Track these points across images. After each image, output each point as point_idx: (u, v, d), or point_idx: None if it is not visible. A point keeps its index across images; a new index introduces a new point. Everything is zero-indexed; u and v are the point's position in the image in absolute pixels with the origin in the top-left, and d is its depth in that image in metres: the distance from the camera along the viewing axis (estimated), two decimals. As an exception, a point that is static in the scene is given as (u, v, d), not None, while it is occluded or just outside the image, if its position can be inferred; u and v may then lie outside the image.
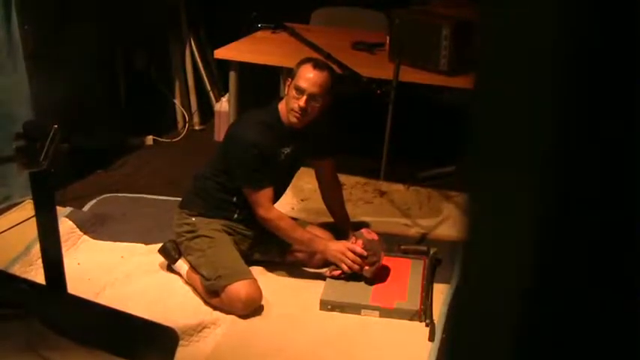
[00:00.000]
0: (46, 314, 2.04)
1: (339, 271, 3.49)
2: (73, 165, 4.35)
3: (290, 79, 3.44)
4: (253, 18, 4.98)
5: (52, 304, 2.11)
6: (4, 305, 2.06)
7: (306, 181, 4.40)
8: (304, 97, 3.35)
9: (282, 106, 3.48)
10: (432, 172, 3.68)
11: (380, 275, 3.54)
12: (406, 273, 3.60)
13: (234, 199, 3.55)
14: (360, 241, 3.50)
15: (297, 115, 3.38)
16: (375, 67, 4.23)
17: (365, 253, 3.46)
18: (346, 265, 3.44)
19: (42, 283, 2.16)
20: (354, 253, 3.44)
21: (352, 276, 3.49)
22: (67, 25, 4.44)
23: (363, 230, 3.62)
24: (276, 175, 3.50)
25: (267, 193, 3.44)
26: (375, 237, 3.55)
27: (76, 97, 4.55)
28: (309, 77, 3.36)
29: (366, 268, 3.46)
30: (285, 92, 3.49)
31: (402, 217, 4.30)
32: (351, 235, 3.64)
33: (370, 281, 3.51)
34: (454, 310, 0.94)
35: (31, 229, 3.72)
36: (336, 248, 3.49)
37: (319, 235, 3.60)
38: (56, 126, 2.04)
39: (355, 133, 5.06)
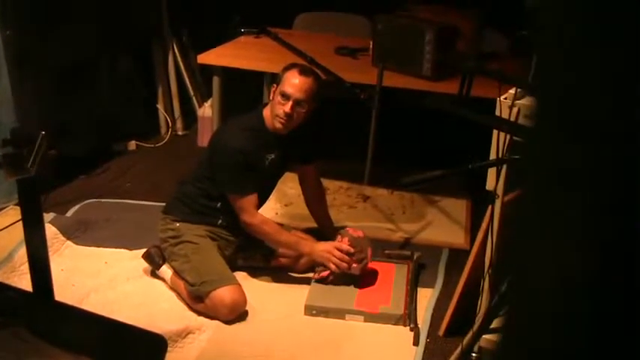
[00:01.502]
0: (34, 322, 2.03)
1: (327, 272, 3.50)
2: (55, 170, 4.34)
3: (275, 85, 3.44)
4: (236, 22, 4.99)
5: (39, 312, 2.11)
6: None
7: (289, 186, 4.40)
8: (290, 103, 3.35)
9: (266, 112, 3.48)
10: (415, 176, 3.68)
11: (367, 274, 3.56)
12: (390, 278, 3.62)
13: (218, 204, 3.55)
14: (345, 239, 3.51)
15: (283, 120, 3.38)
16: (358, 72, 4.25)
17: (352, 250, 3.46)
18: (334, 264, 3.44)
19: (29, 291, 2.15)
20: (341, 251, 3.45)
21: (340, 276, 3.49)
22: (50, 31, 4.43)
23: (349, 228, 3.63)
24: (260, 181, 3.50)
25: (251, 199, 3.44)
26: (361, 234, 3.56)
27: (59, 102, 4.54)
28: (294, 83, 3.36)
29: (354, 265, 3.46)
30: (270, 98, 3.49)
31: (386, 222, 4.32)
32: (337, 234, 3.64)
33: (359, 279, 3.51)
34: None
35: (14, 235, 3.73)
36: (323, 248, 3.49)
37: (305, 238, 3.62)
38: (43, 132, 2.03)
39: (339, 137, 5.07)
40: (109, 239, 3.98)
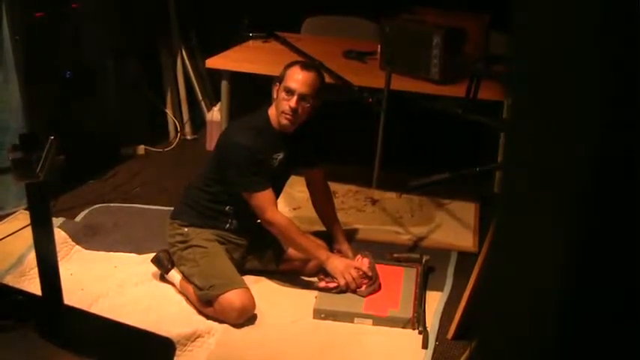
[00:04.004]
0: (43, 325, 2.04)
1: (334, 284, 3.50)
2: (64, 175, 4.35)
3: (278, 84, 3.46)
4: (244, 26, 5.00)
5: (49, 315, 2.12)
6: (1, 317, 2.06)
7: (298, 189, 4.41)
8: (294, 98, 3.37)
9: (271, 111, 3.49)
10: (423, 179, 3.69)
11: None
12: (399, 281, 3.61)
13: (226, 208, 3.55)
14: (366, 261, 3.54)
15: (289, 116, 3.39)
16: (366, 76, 4.26)
17: (370, 274, 3.49)
18: (347, 280, 3.45)
19: (38, 295, 2.16)
20: (359, 271, 3.48)
21: (345, 291, 3.50)
22: (58, 36, 4.45)
23: (367, 252, 3.64)
24: (270, 182, 3.50)
25: (268, 194, 3.43)
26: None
27: (67, 107, 4.55)
28: (298, 78, 3.38)
29: (363, 288, 3.48)
30: (274, 97, 3.50)
31: (394, 225, 4.32)
32: (359, 254, 3.66)
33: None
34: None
35: (24, 240, 3.74)
36: (342, 263, 3.51)
37: (321, 244, 3.62)
38: (52, 137, 2.04)
39: (347, 141, 5.07)
40: (117, 244, 4.00)
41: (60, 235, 3.87)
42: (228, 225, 3.58)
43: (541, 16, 0.78)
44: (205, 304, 3.36)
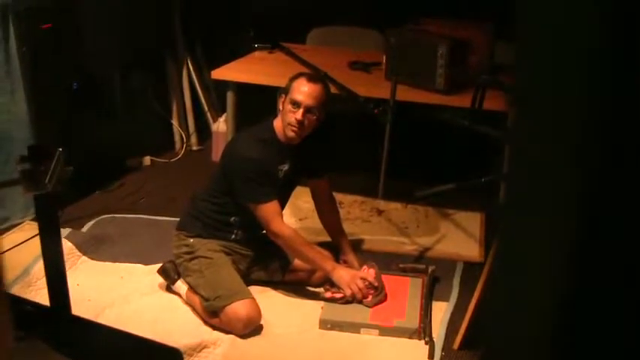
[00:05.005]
0: (51, 336, 2.05)
1: (340, 294, 3.49)
2: (71, 186, 4.36)
3: (284, 95, 3.46)
4: (249, 37, 5.01)
5: (57, 326, 2.12)
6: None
7: (304, 200, 4.41)
8: (301, 110, 3.37)
9: (277, 123, 3.50)
10: (429, 190, 3.69)
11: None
12: (405, 291, 3.61)
13: (232, 219, 3.55)
14: (372, 271, 3.54)
15: (295, 128, 3.39)
16: (372, 86, 4.26)
17: (376, 284, 3.49)
18: (353, 291, 3.45)
19: (46, 305, 2.17)
20: (365, 281, 3.47)
21: (351, 301, 3.49)
22: (64, 47, 4.46)
23: (373, 263, 3.64)
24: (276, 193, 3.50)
25: (273, 206, 3.43)
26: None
27: (73, 119, 4.56)
28: (304, 90, 3.38)
29: (369, 299, 3.47)
30: (280, 108, 3.50)
31: (400, 236, 4.32)
32: (365, 264, 3.66)
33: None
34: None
35: (30, 251, 3.75)
36: (348, 273, 3.51)
37: (327, 255, 3.62)
38: (60, 149, 2.05)
39: (352, 152, 5.07)
40: (124, 254, 4.00)
41: (66, 246, 3.87)
42: (233, 236, 3.59)
43: (545, 21, 0.78)
44: (211, 314, 3.36)
